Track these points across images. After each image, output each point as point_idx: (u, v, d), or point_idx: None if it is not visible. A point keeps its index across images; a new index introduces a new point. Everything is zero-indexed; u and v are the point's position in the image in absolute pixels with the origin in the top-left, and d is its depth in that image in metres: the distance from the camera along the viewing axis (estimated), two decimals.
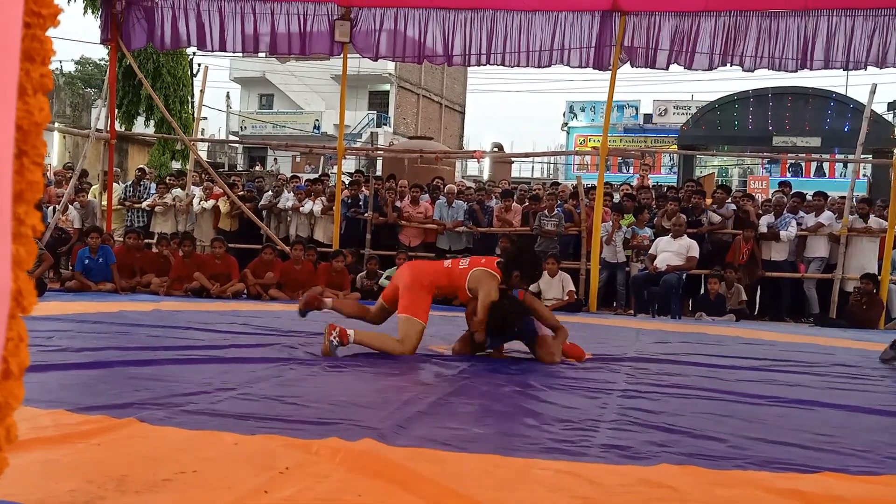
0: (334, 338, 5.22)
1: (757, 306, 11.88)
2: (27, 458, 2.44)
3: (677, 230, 10.98)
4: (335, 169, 13.09)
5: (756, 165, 34.91)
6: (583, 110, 41.66)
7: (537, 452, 2.91)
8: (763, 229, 11.59)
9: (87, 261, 10.30)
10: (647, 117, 40.38)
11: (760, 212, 12.26)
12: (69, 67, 44.92)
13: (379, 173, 19.97)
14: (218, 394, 3.68)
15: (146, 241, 11.82)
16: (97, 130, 12.72)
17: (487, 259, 5.77)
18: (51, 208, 12.34)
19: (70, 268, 10.86)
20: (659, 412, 3.78)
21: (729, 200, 12.40)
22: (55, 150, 24.44)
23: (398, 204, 12.79)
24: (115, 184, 13.23)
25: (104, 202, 12.72)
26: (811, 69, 10.67)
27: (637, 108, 40.81)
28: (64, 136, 23.65)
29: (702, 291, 11.72)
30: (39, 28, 1.08)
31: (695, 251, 10.91)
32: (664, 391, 4.44)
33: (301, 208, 12.93)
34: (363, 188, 13.29)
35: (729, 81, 43.15)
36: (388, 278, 10.63)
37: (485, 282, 5.50)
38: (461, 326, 5.95)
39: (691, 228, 11.37)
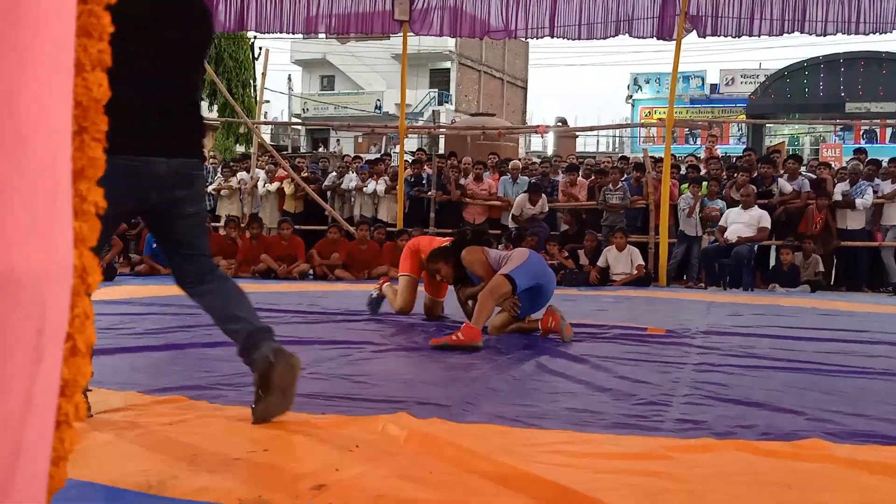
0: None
1: (833, 277, 11.58)
2: (100, 439, 2.47)
3: (747, 201, 10.74)
4: (397, 148, 13.10)
5: (828, 133, 33.96)
6: (647, 82, 40.97)
7: (608, 428, 2.86)
8: (838, 197, 11.27)
9: (155, 245, 10.47)
10: (714, 87, 39.55)
11: (835, 180, 11.93)
12: None
13: (441, 151, 19.95)
14: None
15: (212, 224, 11.99)
16: None
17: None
18: None
19: (139, 252, 11.06)
20: (733, 386, 3.69)
21: (804, 170, 12.09)
22: None
23: (462, 181, 12.74)
24: None
25: None
26: (887, 32, 10.29)
27: (703, 79, 39.98)
28: None
29: (772, 262, 11.48)
30: (96, 3, 1.06)
31: (766, 222, 10.67)
32: (738, 364, 4.33)
33: (364, 188, 12.97)
34: (426, 167, 13.28)
35: (798, 48, 41.99)
36: None
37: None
38: None
39: (762, 199, 11.12)
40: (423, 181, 12.99)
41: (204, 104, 23.12)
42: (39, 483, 0.91)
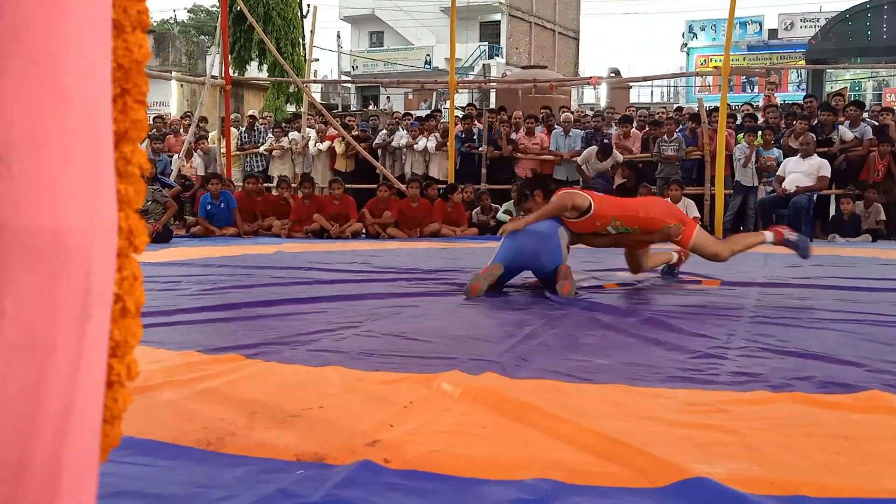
0: None
1: None
2: (160, 398, 2.52)
3: (806, 150, 10.49)
4: (448, 104, 13.02)
5: (892, 78, 32.95)
6: (703, 29, 40.18)
7: (663, 381, 2.83)
8: None
9: (209, 206, 10.60)
10: (772, 32, 38.60)
11: None
12: (182, 16, 46.08)
13: (492, 106, 19.77)
14: (341, 332, 3.73)
15: (265, 184, 12.07)
16: (212, 77, 12.97)
17: None
18: (174, 157, 12.71)
19: (194, 214, 11.19)
20: (790, 338, 3.63)
21: (866, 116, 11.74)
22: (174, 98, 25.16)
23: (513, 136, 12.64)
24: (232, 129, 13.51)
25: (223, 148, 13.02)
26: None
27: (761, 24, 39.06)
28: (181, 85, 24.26)
29: (832, 212, 11.23)
30: None
31: (826, 171, 10.40)
32: (795, 316, 4.26)
33: (415, 145, 12.94)
34: (477, 122, 13.18)
35: None
36: (506, 212, 10.55)
37: None
38: None
39: (821, 147, 10.85)
40: (474, 137, 12.90)
41: (253, 64, 23.29)
42: (92, 440, 0.92)
